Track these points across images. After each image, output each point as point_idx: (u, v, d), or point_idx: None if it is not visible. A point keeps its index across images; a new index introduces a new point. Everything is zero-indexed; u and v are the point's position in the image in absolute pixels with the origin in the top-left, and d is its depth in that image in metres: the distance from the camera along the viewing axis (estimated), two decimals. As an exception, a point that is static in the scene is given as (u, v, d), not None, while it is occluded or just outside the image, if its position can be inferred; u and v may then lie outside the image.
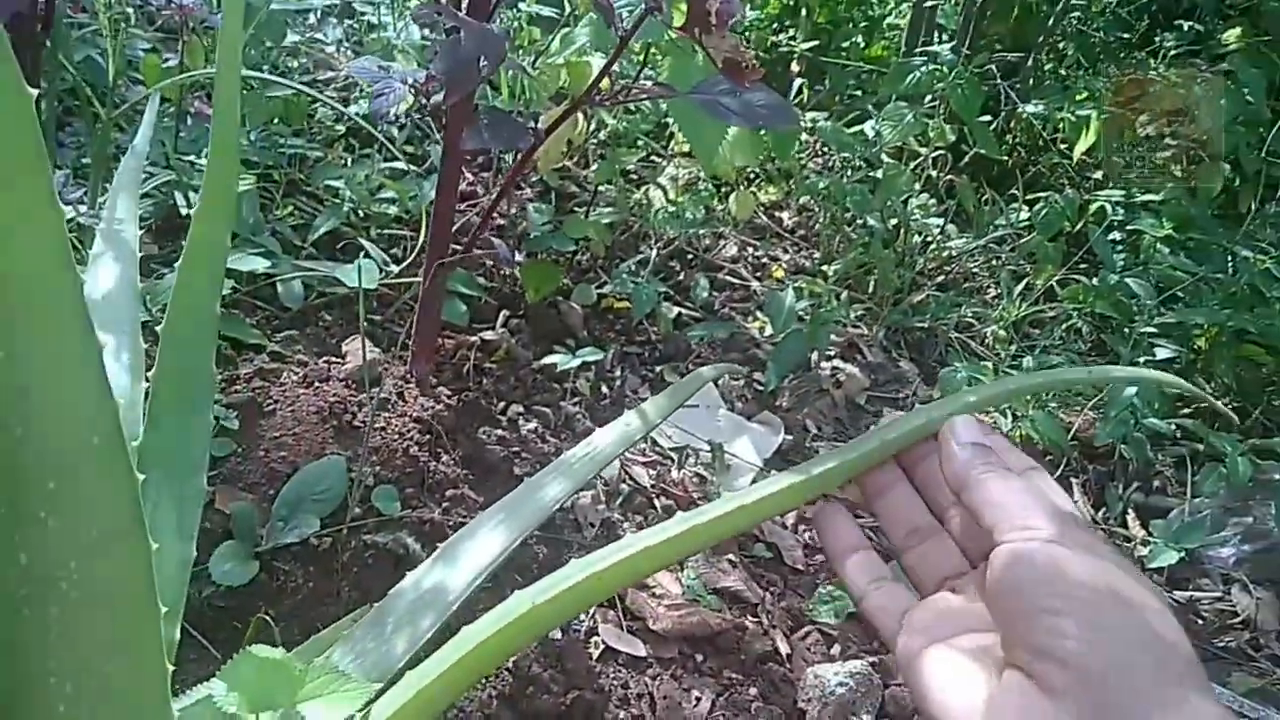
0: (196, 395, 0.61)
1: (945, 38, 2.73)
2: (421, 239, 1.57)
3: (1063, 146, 2.58)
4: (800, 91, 2.71)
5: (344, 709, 0.55)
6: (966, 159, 2.48)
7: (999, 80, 2.49)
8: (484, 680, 1.00)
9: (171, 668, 0.51)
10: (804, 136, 2.57)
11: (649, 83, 1.20)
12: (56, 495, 0.44)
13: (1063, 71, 2.81)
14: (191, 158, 1.52)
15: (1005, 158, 2.69)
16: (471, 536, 0.73)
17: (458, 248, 1.20)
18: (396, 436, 1.17)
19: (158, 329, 0.64)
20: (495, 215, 1.59)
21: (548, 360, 1.45)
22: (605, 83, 1.03)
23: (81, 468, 0.44)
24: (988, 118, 2.47)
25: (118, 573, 0.47)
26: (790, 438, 1.54)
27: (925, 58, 2.45)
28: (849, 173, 2.52)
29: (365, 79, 1.12)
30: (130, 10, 1.43)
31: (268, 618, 0.86)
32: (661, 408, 0.83)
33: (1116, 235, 2.30)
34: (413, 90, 1.12)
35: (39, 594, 0.45)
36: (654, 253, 1.93)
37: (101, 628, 0.47)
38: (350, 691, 0.56)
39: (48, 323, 0.42)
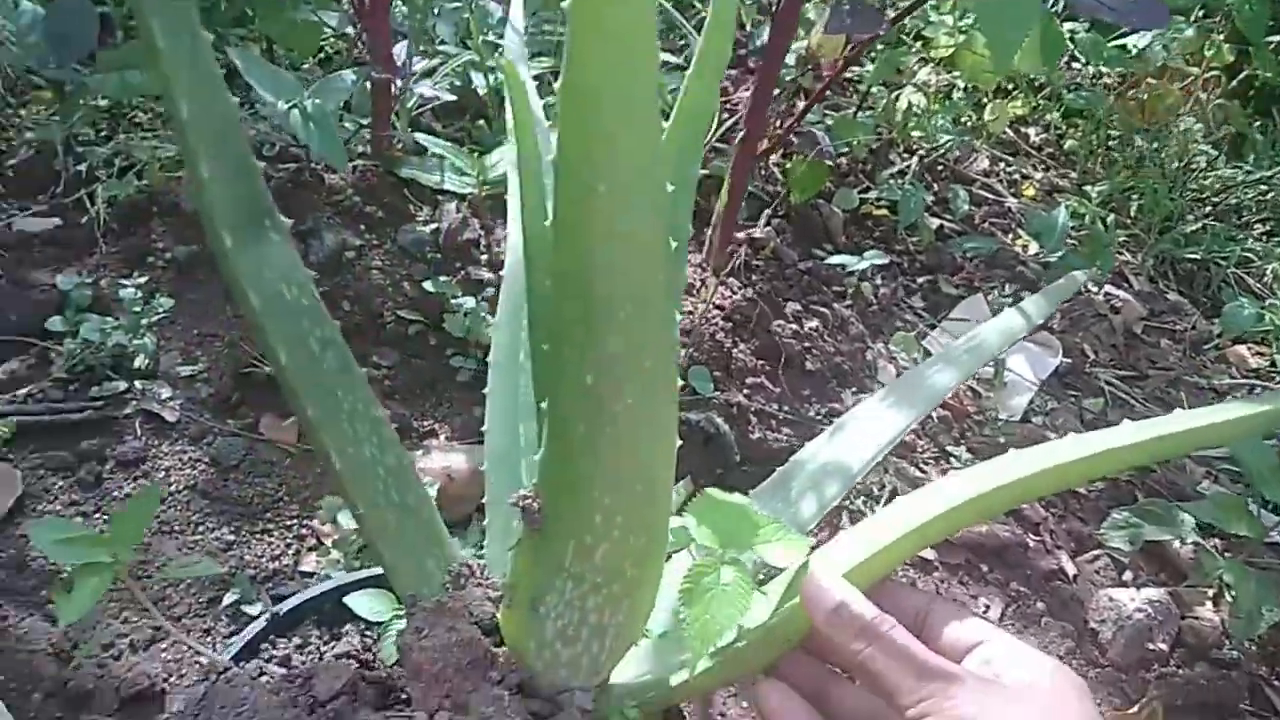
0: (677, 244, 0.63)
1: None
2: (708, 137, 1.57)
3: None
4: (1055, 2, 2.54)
5: (796, 554, 0.58)
6: (1236, 81, 2.29)
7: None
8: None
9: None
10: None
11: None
12: (626, 325, 0.47)
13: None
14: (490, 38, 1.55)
15: (1283, 82, 2.47)
16: (864, 416, 0.74)
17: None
18: (702, 322, 1.20)
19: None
20: (793, 114, 1.57)
21: (831, 261, 1.44)
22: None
23: (649, 302, 0.47)
24: (1275, 39, 2.26)
25: (656, 406, 0.50)
26: (1068, 360, 1.49)
27: (1211, -32, 2.25)
28: (1103, 89, 2.37)
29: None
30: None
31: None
32: (1041, 307, 0.82)
33: None
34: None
35: (595, 413, 0.48)
36: (914, 161, 1.88)
37: (637, 453, 0.50)
38: (797, 540, 0.59)
39: (639, 163, 0.44)
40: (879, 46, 1.99)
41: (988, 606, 1.12)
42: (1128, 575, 1.18)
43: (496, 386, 0.67)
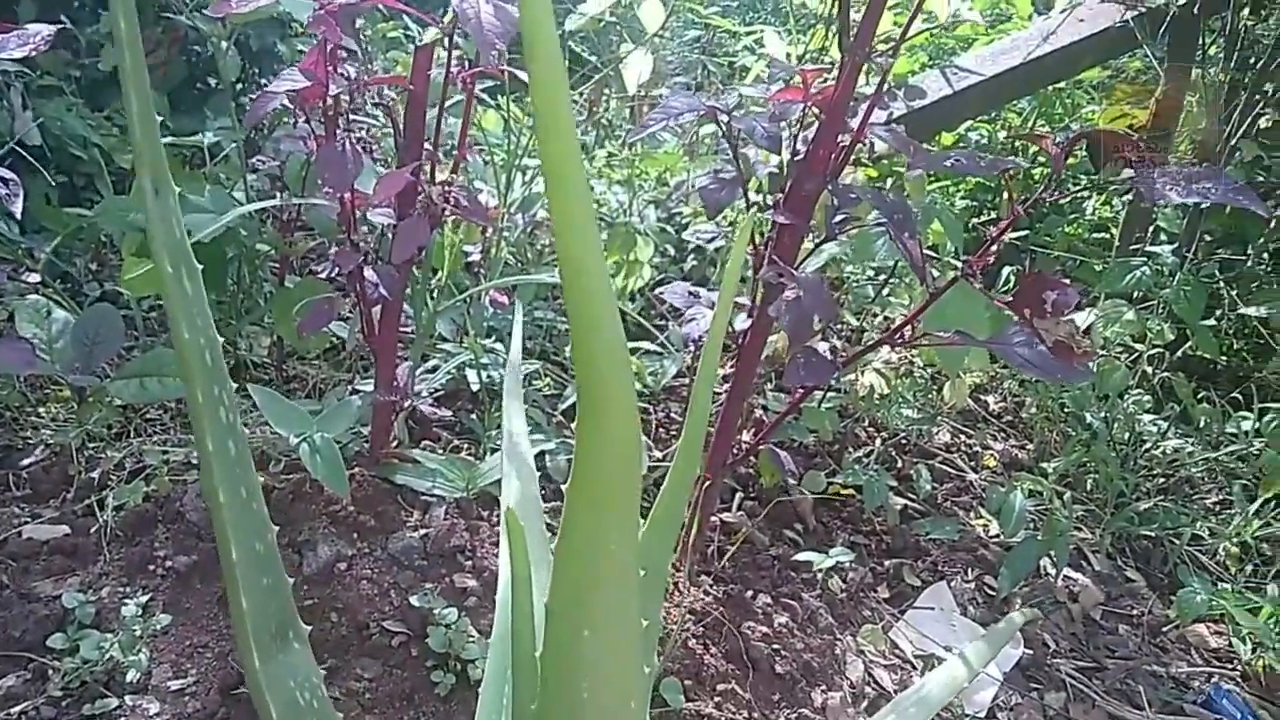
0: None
1: (1164, 238, 2.74)
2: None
3: (1287, 350, 2.52)
4: (1008, 280, 2.77)
5: None
6: (1179, 353, 2.47)
7: (1219, 280, 2.49)
8: None
9: None
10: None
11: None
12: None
13: (1287, 274, 2.76)
14: (487, 341, 1.69)
15: (1225, 358, 2.66)
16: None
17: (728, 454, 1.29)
18: (674, 627, 1.25)
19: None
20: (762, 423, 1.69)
21: (800, 557, 1.52)
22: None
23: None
24: (1210, 322, 2.46)
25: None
26: (1030, 652, 1.54)
27: (1145, 258, 2.47)
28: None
29: (678, 303, 1.25)
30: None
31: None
32: (981, 654, 0.89)
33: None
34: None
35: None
36: (878, 443, 2.00)
37: None
38: None
39: (620, 615, 0.52)
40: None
41: None
42: None
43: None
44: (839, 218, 1.08)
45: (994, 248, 1.10)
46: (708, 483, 1.27)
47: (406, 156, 1.20)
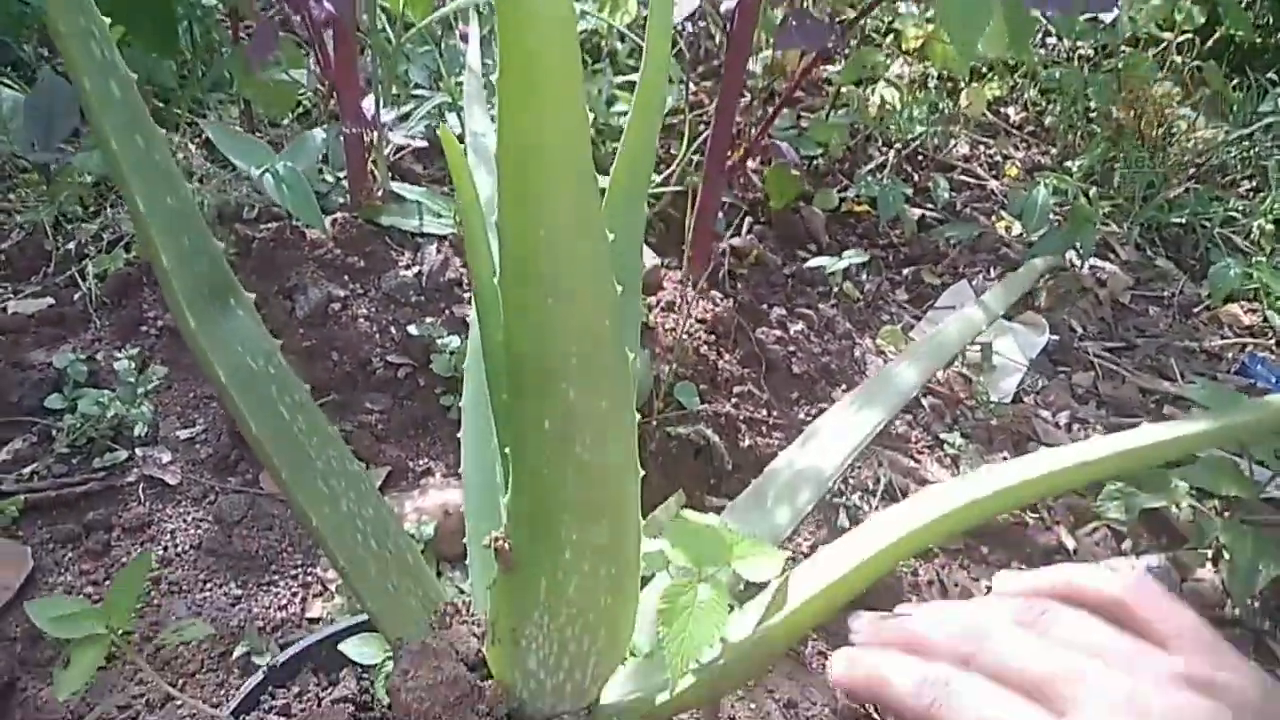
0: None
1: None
2: (683, 152, 1.59)
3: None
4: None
5: (770, 569, 0.60)
6: (1211, 42, 2.30)
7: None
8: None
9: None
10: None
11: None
12: (579, 372, 0.49)
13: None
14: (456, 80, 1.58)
15: (1257, 39, 2.48)
16: (834, 422, 0.75)
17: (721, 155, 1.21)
18: (685, 336, 1.22)
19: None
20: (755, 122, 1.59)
21: (812, 264, 1.46)
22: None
23: (599, 349, 0.49)
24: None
25: (615, 443, 0.52)
26: (1056, 338, 1.51)
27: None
28: (1079, 63, 2.38)
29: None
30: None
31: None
32: (1000, 298, 0.83)
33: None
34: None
35: (556, 456, 0.50)
36: (891, 155, 1.90)
37: (600, 489, 0.52)
38: (771, 553, 0.61)
39: (576, 221, 0.46)
40: (850, 44, 2.01)
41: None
42: (1127, 545, 1.19)
43: (470, 428, 0.70)
44: None
45: None
46: (710, 153, 1.19)
47: None
